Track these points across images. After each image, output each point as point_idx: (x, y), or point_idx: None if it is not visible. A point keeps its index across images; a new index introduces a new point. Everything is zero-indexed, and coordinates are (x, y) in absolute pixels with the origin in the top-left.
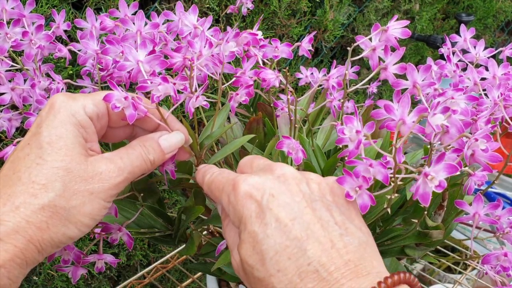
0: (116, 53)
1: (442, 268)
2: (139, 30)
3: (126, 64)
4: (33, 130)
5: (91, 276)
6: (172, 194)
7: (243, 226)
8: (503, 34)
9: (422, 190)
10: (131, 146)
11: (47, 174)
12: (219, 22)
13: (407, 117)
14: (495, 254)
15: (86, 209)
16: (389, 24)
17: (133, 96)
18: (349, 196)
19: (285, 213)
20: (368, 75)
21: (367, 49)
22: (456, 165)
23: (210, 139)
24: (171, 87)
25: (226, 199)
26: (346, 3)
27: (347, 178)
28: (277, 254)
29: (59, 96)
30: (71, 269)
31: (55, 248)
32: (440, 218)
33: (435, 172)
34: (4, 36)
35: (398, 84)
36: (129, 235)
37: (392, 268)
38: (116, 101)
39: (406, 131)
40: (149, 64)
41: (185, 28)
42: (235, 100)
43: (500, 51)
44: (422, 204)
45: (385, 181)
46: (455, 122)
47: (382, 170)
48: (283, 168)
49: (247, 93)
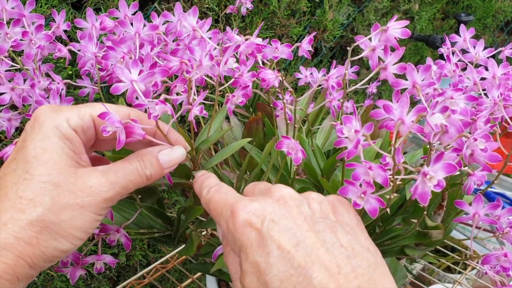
0: (117, 58)
1: (441, 268)
2: (137, 32)
3: (120, 86)
4: (19, 145)
5: (90, 276)
6: (171, 194)
7: (244, 256)
8: (503, 34)
9: (421, 190)
10: (128, 160)
11: (34, 189)
12: (218, 22)
13: (406, 116)
14: (495, 254)
15: (77, 222)
16: (389, 24)
17: (127, 122)
18: (356, 205)
19: (287, 239)
20: (367, 75)
21: (366, 49)
22: (454, 164)
23: (206, 143)
24: (169, 108)
25: (225, 226)
26: (346, 3)
27: (349, 187)
28: (282, 284)
29: (43, 109)
30: (70, 270)
31: (49, 263)
32: (440, 218)
33: (433, 172)
34: (4, 36)
35: (398, 84)
36: (127, 236)
37: (391, 268)
38: (108, 124)
39: (405, 130)
40: (143, 82)
41: (184, 30)
42: (231, 102)
43: (500, 51)
44: (421, 204)
45: (385, 184)
46: (454, 122)
47: (381, 173)
48: (281, 190)
49: (244, 94)
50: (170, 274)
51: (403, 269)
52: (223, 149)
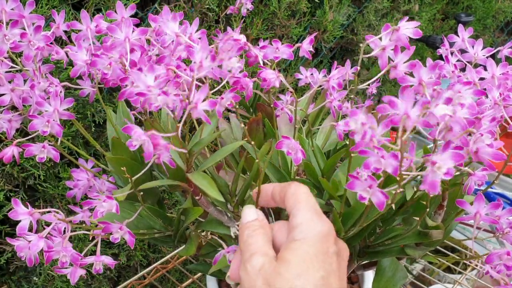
0: (104, 65)
1: (442, 268)
2: (127, 37)
3: (135, 91)
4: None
5: (91, 276)
6: (172, 195)
7: None
8: (503, 35)
9: (431, 179)
10: None
11: None
12: (218, 22)
13: (411, 110)
14: (498, 253)
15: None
16: (400, 24)
17: (152, 134)
18: (362, 198)
19: None
20: (367, 76)
21: (377, 48)
22: (462, 153)
23: (199, 145)
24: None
25: None
26: (346, 4)
27: (355, 181)
28: None
29: None
30: (70, 270)
31: None
32: (440, 218)
33: (442, 161)
34: (3, 37)
35: (404, 80)
36: (130, 233)
37: (392, 268)
38: (134, 140)
39: (411, 124)
40: (159, 87)
41: (167, 37)
42: (220, 105)
43: (499, 50)
44: (431, 193)
45: (395, 173)
46: (459, 120)
47: (393, 162)
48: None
49: (235, 96)
50: (170, 275)
51: (403, 269)
52: (217, 152)
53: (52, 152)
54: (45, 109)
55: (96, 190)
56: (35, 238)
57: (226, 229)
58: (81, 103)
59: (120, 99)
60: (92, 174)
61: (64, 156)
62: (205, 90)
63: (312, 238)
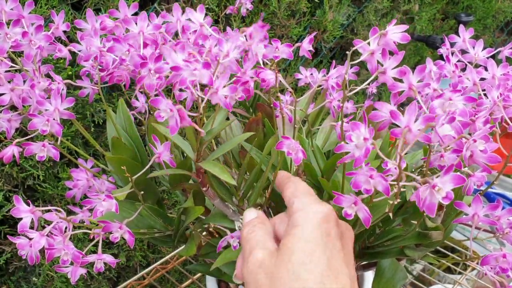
0: (122, 51)
1: (442, 269)
2: (141, 31)
3: (164, 67)
4: None
5: (90, 277)
6: (171, 195)
7: None
8: (503, 34)
9: (429, 201)
10: None
11: None
12: (218, 22)
13: (414, 124)
14: (494, 255)
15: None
16: (388, 28)
17: (180, 108)
18: (347, 215)
19: None
20: (367, 75)
21: (365, 53)
22: (463, 176)
23: (210, 135)
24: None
25: None
26: (346, 4)
27: (340, 198)
28: None
29: None
30: (70, 269)
31: None
32: (440, 219)
33: (442, 184)
34: (4, 36)
35: (395, 87)
36: (130, 232)
37: (391, 268)
38: (162, 111)
39: (412, 139)
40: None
41: (192, 25)
42: (231, 98)
43: (499, 51)
44: (428, 215)
45: (386, 193)
46: (454, 125)
47: (382, 181)
48: None
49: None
50: (170, 275)
51: (403, 269)
52: (225, 143)
53: (52, 150)
54: (46, 108)
55: (95, 190)
56: (36, 235)
57: (230, 223)
58: (81, 103)
59: (139, 84)
60: (91, 174)
61: (64, 156)
62: (226, 76)
63: (312, 221)
